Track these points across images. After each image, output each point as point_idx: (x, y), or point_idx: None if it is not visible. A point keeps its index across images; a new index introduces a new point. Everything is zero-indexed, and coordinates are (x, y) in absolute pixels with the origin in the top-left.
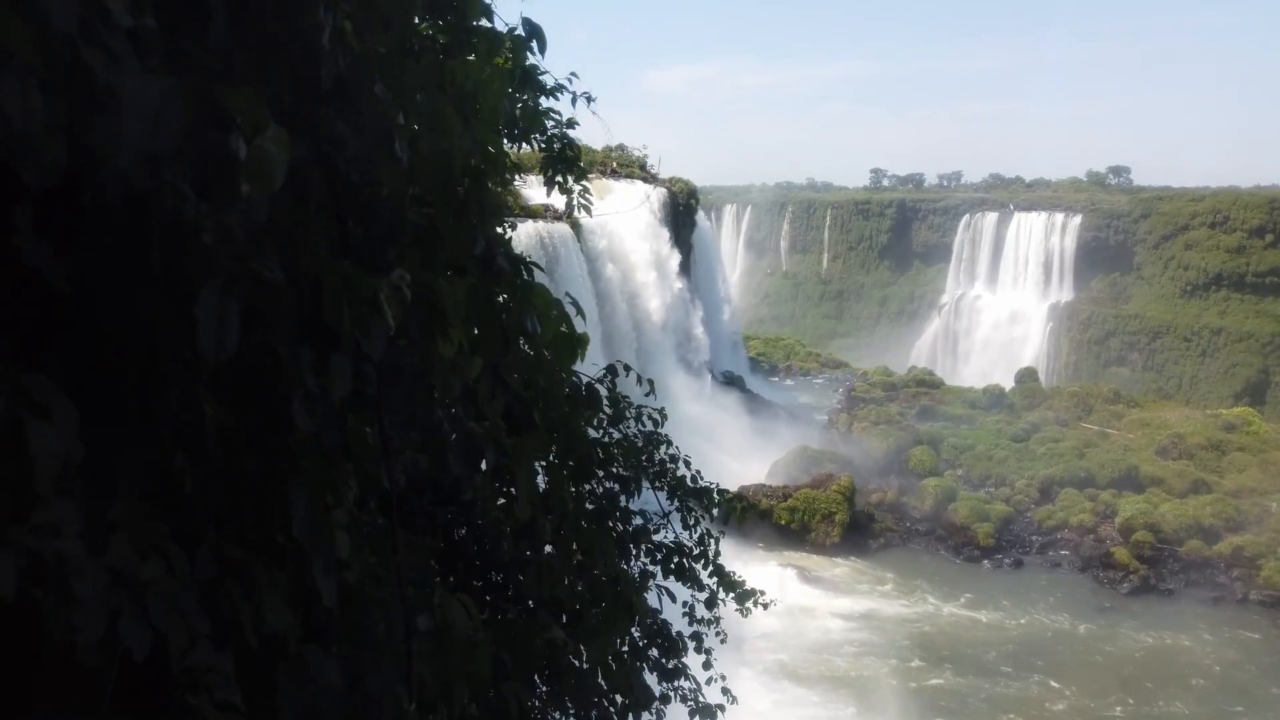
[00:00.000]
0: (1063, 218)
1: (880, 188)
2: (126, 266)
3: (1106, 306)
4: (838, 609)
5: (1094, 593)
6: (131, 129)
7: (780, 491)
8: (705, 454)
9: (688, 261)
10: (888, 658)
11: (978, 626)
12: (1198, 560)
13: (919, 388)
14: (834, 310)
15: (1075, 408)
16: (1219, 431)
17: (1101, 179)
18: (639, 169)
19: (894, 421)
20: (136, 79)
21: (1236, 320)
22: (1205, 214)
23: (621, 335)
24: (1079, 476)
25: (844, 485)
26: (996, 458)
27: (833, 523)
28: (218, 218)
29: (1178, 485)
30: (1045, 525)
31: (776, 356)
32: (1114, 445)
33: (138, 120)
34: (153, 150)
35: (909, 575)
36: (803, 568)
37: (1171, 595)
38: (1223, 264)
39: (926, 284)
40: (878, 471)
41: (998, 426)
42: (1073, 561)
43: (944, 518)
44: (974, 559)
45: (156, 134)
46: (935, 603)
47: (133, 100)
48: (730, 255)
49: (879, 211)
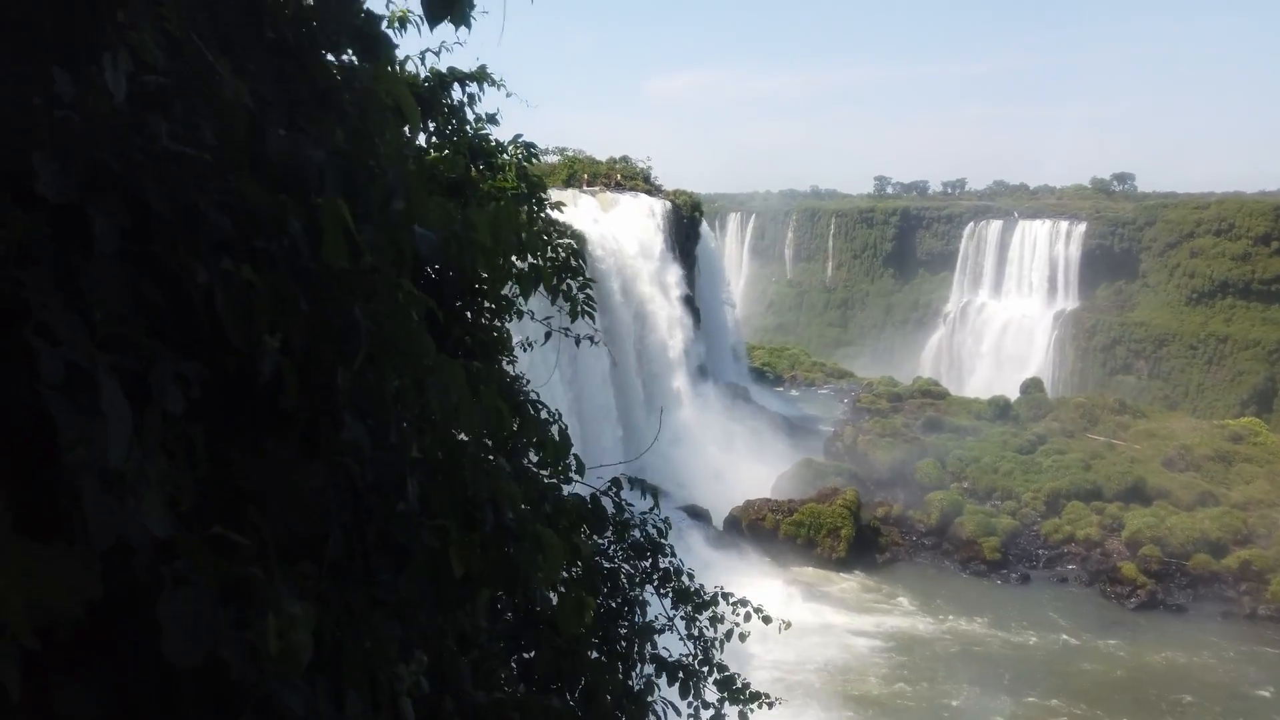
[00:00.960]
0: (1067, 225)
1: (884, 195)
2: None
3: (1112, 314)
4: (846, 625)
5: (1102, 608)
6: (173, 648)
7: (786, 506)
8: (710, 469)
9: (692, 274)
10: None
11: (990, 644)
12: (1205, 574)
13: (924, 398)
14: (839, 318)
15: (1081, 418)
16: (1226, 442)
17: (1106, 185)
18: (643, 181)
19: (899, 434)
20: (171, 596)
21: (1243, 328)
22: (1210, 221)
23: (625, 351)
24: (1085, 489)
25: (849, 499)
26: (1002, 470)
27: (838, 537)
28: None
29: (1185, 497)
30: (1052, 539)
31: (781, 366)
32: (1120, 457)
33: (177, 637)
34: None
35: (917, 591)
36: (808, 583)
37: (1180, 610)
38: (1228, 271)
39: (931, 292)
40: (883, 484)
41: (1003, 438)
42: (1080, 576)
43: (950, 531)
44: (981, 573)
45: (193, 646)
46: (944, 619)
47: (172, 619)
48: (735, 263)
49: (883, 220)
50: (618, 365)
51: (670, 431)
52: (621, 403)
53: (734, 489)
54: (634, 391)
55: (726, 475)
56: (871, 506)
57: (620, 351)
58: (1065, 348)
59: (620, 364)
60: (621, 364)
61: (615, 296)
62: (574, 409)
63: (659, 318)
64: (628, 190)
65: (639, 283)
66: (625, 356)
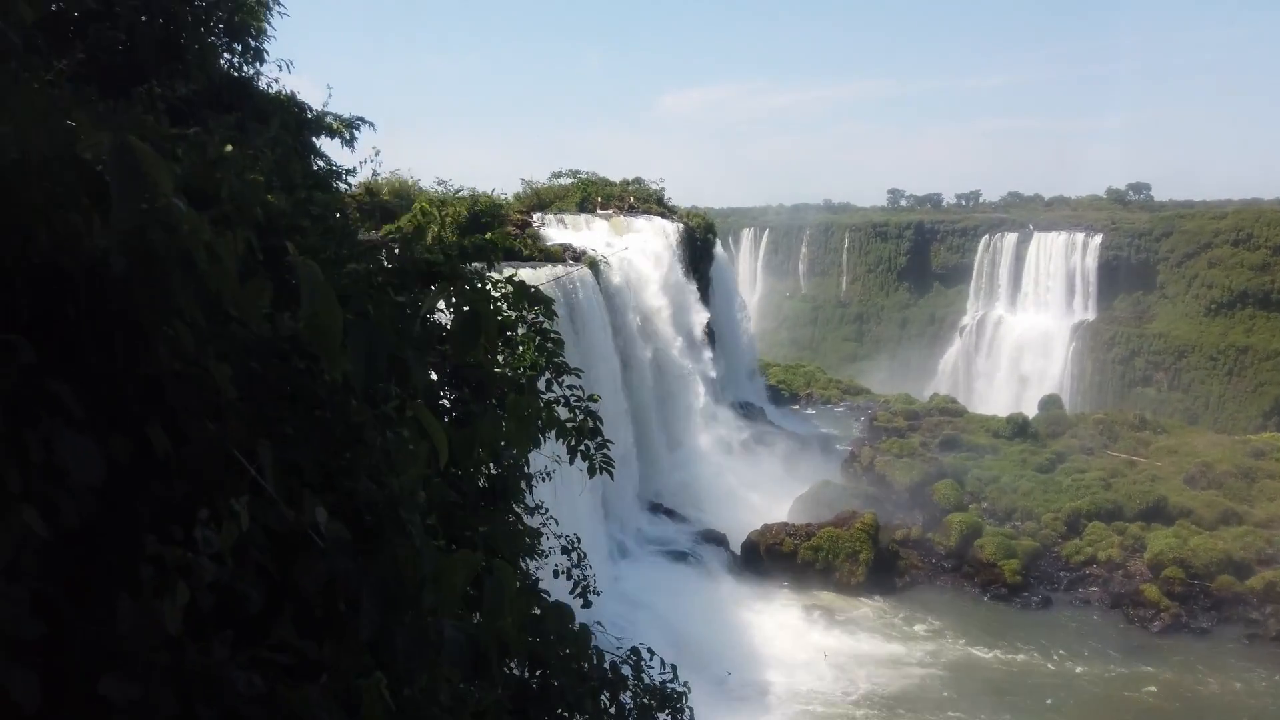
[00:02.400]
0: (1083, 237)
1: (898, 208)
2: None
3: (1130, 326)
4: (865, 654)
5: (1125, 632)
6: None
7: (803, 530)
8: (728, 492)
9: (706, 296)
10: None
11: (1012, 672)
12: (1229, 596)
13: (941, 416)
14: (854, 333)
15: (1101, 435)
16: (1248, 458)
17: (1121, 196)
18: (656, 204)
19: (917, 454)
20: None
21: (1263, 338)
22: (1227, 231)
23: (641, 375)
24: (1106, 509)
25: (867, 523)
26: (1022, 490)
27: (857, 561)
28: None
29: (1207, 516)
30: (1073, 561)
31: (797, 384)
32: (1141, 475)
33: None
34: None
35: (937, 617)
36: (828, 608)
37: (1204, 634)
38: (1247, 282)
39: (947, 305)
40: (901, 506)
41: (1022, 456)
42: (1102, 599)
43: (970, 554)
44: (1001, 597)
45: None
46: (964, 647)
47: None
48: (749, 279)
49: (897, 233)
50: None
51: (687, 455)
52: (639, 428)
53: (752, 512)
54: (650, 416)
55: (744, 498)
56: (890, 529)
57: (636, 376)
58: (1083, 360)
59: (636, 389)
60: (637, 389)
61: (630, 317)
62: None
63: (674, 340)
64: (641, 213)
65: (653, 304)
66: (641, 381)
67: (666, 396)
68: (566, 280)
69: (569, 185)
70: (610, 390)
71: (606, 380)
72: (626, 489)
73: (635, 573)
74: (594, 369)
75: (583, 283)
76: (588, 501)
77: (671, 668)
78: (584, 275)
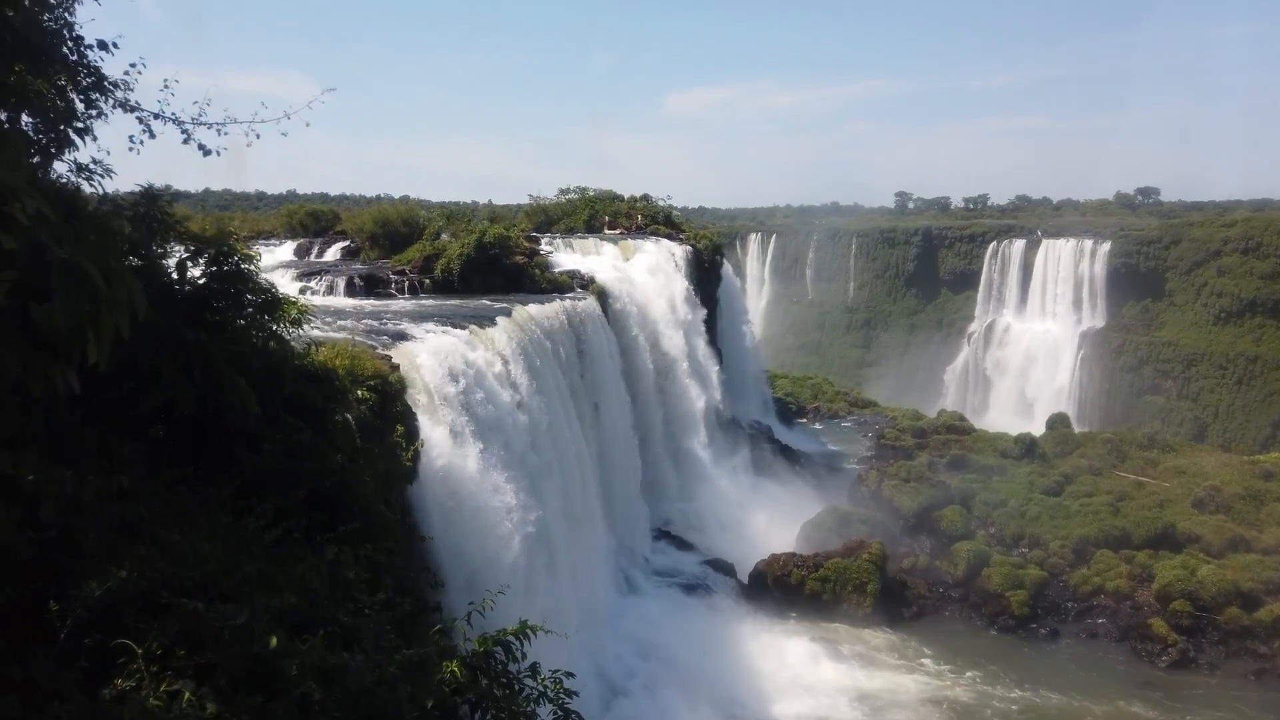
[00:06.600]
0: (1091, 244)
1: (906, 211)
2: None
3: (1139, 334)
4: (870, 688)
5: (1133, 667)
6: None
7: (811, 561)
8: (735, 518)
9: (713, 316)
10: None
11: (1020, 709)
12: (1237, 629)
13: (949, 434)
14: (861, 339)
15: (1109, 454)
16: (1257, 480)
17: (1130, 200)
18: (665, 223)
19: (924, 477)
20: None
21: (1272, 347)
22: (1237, 240)
23: (648, 402)
24: (1114, 535)
25: (875, 553)
26: (1029, 515)
27: (864, 593)
28: None
29: (1215, 542)
30: (1081, 590)
31: (804, 396)
32: (1149, 498)
33: None
34: None
35: (944, 650)
36: (834, 640)
37: (1212, 669)
38: (1256, 290)
39: (954, 312)
40: (908, 531)
41: (1030, 478)
42: (1110, 631)
43: (977, 584)
44: (1008, 628)
45: None
46: (971, 682)
47: None
48: (756, 284)
49: (905, 239)
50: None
51: (695, 481)
52: (645, 451)
53: (760, 537)
54: (657, 439)
55: (751, 524)
56: (898, 557)
57: (643, 402)
58: (1092, 367)
59: (643, 412)
60: (644, 412)
61: (638, 344)
62: (598, 459)
63: (681, 364)
64: (649, 235)
65: (661, 330)
66: (648, 405)
67: (674, 421)
68: (573, 314)
69: (576, 202)
70: (618, 416)
71: (615, 406)
72: (636, 520)
73: (644, 608)
74: (603, 395)
75: (589, 316)
76: (597, 528)
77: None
78: (591, 308)
